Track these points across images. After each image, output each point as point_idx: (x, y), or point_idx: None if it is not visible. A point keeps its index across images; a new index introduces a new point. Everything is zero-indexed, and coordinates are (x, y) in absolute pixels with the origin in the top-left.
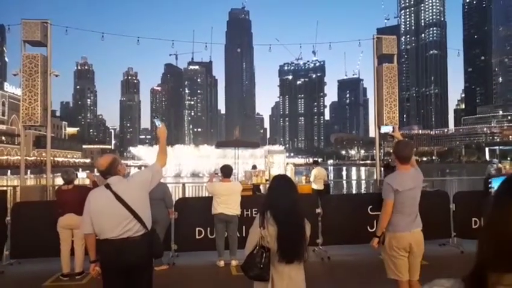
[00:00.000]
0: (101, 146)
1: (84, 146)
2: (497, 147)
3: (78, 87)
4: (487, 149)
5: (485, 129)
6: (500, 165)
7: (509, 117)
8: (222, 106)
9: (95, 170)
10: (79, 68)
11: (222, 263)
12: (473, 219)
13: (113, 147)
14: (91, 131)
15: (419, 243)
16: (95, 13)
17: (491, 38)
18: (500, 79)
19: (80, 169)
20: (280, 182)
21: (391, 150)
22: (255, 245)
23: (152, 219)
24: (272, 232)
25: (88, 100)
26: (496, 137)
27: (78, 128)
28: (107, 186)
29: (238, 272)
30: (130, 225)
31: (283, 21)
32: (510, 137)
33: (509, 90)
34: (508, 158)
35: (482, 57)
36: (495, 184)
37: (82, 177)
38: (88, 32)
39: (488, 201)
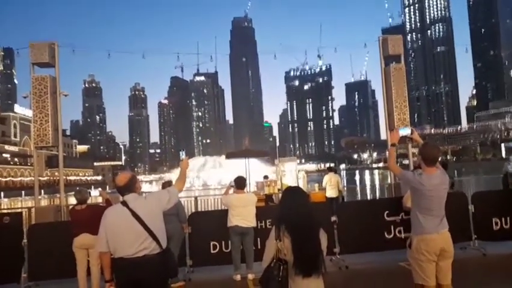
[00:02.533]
0: (112, 163)
1: (95, 164)
2: None
3: (87, 105)
4: (502, 146)
5: (499, 125)
6: None
7: None
8: (229, 116)
9: (107, 187)
10: (87, 86)
11: (238, 277)
12: (494, 220)
13: (123, 163)
14: (101, 147)
15: (449, 244)
16: (101, 31)
17: (499, 31)
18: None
19: (93, 187)
20: (292, 194)
21: (405, 151)
22: (272, 257)
23: (166, 235)
24: (287, 245)
25: (97, 117)
26: (511, 133)
27: (88, 146)
28: (124, 204)
29: (255, 285)
30: (146, 244)
31: (287, 27)
32: None
33: None
34: None
35: (491, 52)
36: None
37: (95, 195)
38: (95, 50)
39: None
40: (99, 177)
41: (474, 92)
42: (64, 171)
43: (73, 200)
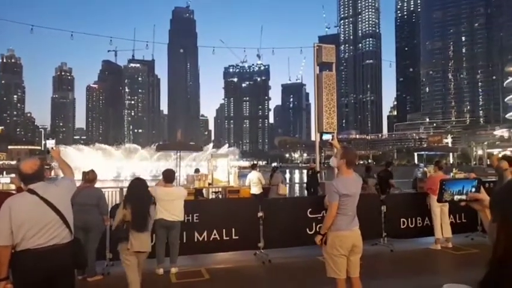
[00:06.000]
0: (30, 147)
1: (10, 147)
2: (423, 153)
3: (3, 81)
4: (415, 154)
5: (414, 135)
6: (425, 169)
7: (434, 125)
8: (164, 107)
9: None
10: (5, 60)
11: (161, 271)
12: (402, 219)
13: (43, 148)
14: (17, 130)
15: (359, 241)
16: (25, 4)
17: (419, 50)
18: (427, 89)
19: (4, 172)
20: (136, 182)
21: (331, 154)
22: (120, 220)
23: (85, 226)
24: (129, 211)
25: (15, 96)
26: (423, 143)
27: (2, 127)
28: (32, 192)
29: (177, 279)
30: (58, 231)
31: (228, 23)
32: (435, 143)
33: (435, 99)
34: (433, 163)
35: (411, 69)
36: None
37: (6, 182)
38: (16, 23)
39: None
40: (13, 162)
41: (395, 103)
42: None
43: None
